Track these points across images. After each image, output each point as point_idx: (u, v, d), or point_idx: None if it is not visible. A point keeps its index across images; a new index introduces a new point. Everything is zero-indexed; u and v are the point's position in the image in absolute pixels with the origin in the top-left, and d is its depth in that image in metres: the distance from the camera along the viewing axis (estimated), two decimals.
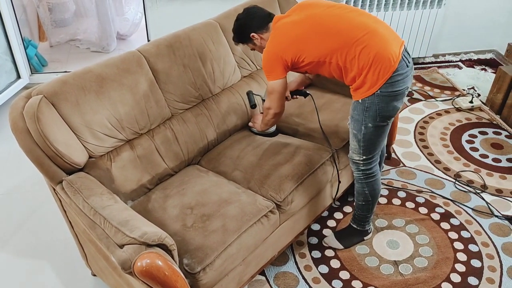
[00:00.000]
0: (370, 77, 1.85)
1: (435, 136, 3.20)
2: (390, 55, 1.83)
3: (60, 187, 1.81)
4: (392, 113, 1.96)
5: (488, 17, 4.12)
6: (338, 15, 1.92)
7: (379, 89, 1.86)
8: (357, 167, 2.12)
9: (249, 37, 2.08)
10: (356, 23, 1.87)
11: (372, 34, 1.85)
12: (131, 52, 2.11)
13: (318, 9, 1.96)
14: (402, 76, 1.87)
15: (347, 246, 2.34)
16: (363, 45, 1.83)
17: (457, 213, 2.55)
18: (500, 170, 2.88)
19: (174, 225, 1.85)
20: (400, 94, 1.91)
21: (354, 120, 1.99)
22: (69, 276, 2.25)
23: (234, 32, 2.16)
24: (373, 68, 1.83)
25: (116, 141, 2.01)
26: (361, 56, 1.83)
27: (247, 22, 2.08)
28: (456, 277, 2.19)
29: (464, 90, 3.76)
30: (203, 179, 2.11)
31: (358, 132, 2.00)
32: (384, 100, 1.89)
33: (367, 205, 2.22)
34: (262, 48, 2.07)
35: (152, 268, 1.44)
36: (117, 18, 4.66)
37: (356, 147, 2.05)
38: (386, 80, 1.84)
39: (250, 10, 2.11)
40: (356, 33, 1.85)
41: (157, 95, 2.14)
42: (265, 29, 2.06)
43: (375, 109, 1.91)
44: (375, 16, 1.98)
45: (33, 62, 3.94)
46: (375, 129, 1.97)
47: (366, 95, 1.89)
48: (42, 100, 1.76)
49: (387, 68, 1.83)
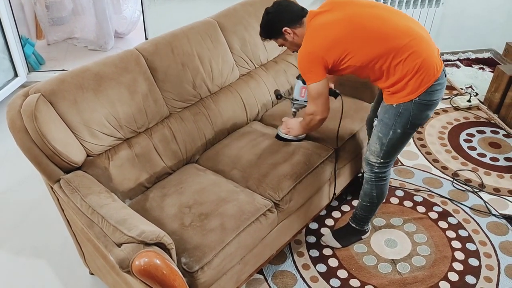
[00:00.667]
0: (412, 84, 1.81)
1: (433, 135, 3.21)
2: (435, 63, 1.81)
3: (57, 185, 1.81)
4: (423, 121, 1.95)
5: (486, 16, 4.13)
6: (382, 18, 1.85)
7: (418, 96, 1.83)
8: (371, 169, 2.10)
9: (281, 31, 1.97)
10: (402, 28, 1.82)
11: (419, 40, 1.81)
12: (129, 51, 2.11)
13: (358, 9, 1.88)
14: (440, 86, 1.86)
15: (345, 245, 2.34)
16: (410, 51, 1.78)
17: (455, 212, 2.56)
18: (498, 169, 2.88)
19: (172, 224, 1.85)
20: (435, 104, 1.89)
21: (383, 124, 1.95)
22: (67, 275, 2.25)
23: (263, 27, 2.03)
24: (418, 74, 1.80)
25: (114, 140, 2.00)
26: (407, 61, 1.79)
27: (280, 15, 1.96)
28: (454, 276, 2.19)
29: (462, 89, 3.76)
30: (201, 178, 2.11)
31: (384, 136, 1.97)
32: (420, 108, 1.86)
33: (371, 206, 2.22)
34: (294, 44, 2.00)
35: (150, 267, 1.44)
36: (115, 16, 4.65)
37: (377, 150, 2.03)
38: (427, 88, 1.82)
39: (282, 3, 1.99)
40: (404, 38, 1.80)
41: (155, 93, 2.13)
42: (299, 24, 1.95)
43: (408, 115, 1.88)
44: (415, 19, 1.94)
45: (30, 60, 3.93)
46: (402, 135, 1.95)
47: (403, 100, 1.86)
48: (40, 98, 1.75)
49: (431, 76, 1.81)
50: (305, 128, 2.17)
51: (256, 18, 2.54)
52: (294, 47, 2.03)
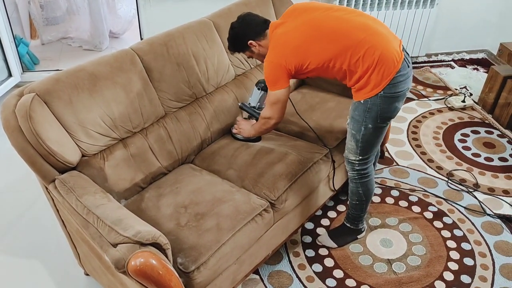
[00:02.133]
0: (374, 78, 1.84)
1: (428, 135, 3.22)
2: (393, 55, 1.83)
3: (52, 186, 1.79)
4: (393, 114, 1.96)
5: (480, 17, 4.15)
6: (337, 18, 1.90)
7: (382, 90, 1.85)
8: (352, 167, 2.12)
9: (246, 44, 2.04)
10: (356, 24, 1.86)
11: (374, 34, 1.84)
12: (124, 50, 2.10)
13: (315, 13, 1.94)
14: (404, 77, 1.87)
15: (341, 244, 2.34)
16: (367, 46, 1.81)
17: (450, 211, 2.57)
18: (492, 169, 2.90)
19: (168, 224, 1.84)
20: (401, 95, 1.91)
21: (354, 121, 1.98)
22: (61, 275, 2.24)
23: (230, 41, 2.11)
24: (378, 68, 1.82)
25: (109, 140, 1.99)
26: (366, 57, 1.82)
27: (244, 29, 2.04)
28: (449, 275, 2.20)
29: (456, 90, 3.78)
30: (197, 178, 2.10)
31: (357, 133, 1.99)
32: (387, 101, 1.88)
33: (361, 204, 2.23)
34: (260, 55, 2.06)
35: (146, 267, 1.43)
36: (110, 16, 4.63)
37: (353, 147, 2.05)
38: (389, 80, 1.83)
39: (246, 17, 2.07)
40: (358, 34, 1.83)
41: (151, 93, 2.12)
42: (262, 36, 2.02)
43: (376, 110, 1.90)
44: (373, 16, 1.98)
45: (24, 60, 3.91)
46: (374, 130, 1.97)
47: (368, 95, 1.88)
48: (35, 98, 1.74)
49: (391, 69, 1.83)
50: (257, 130, 2.21)
51: None
52: (261, 57, 2.07)
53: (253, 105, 2.31)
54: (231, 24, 2.08)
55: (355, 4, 3.73)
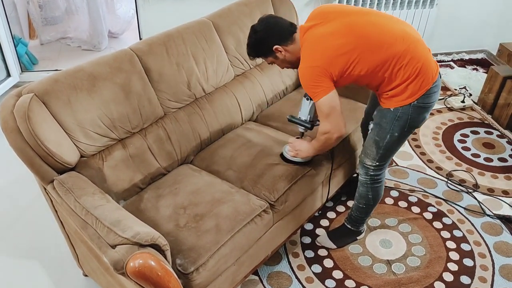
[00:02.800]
0: (412, 87, 1.80)
1: (428, 135, 3.22)
2: (433, 66, 1.82)
3: (51, 186, 1.79)
4: (420, 124, 1.95)
5: (479, 18, 4.15)
6: (379, 25, 1.82)
7: (416, 99, 1.83)
8: (367, 171, 2.09)
9: (271, 50, 1.89)
10: (399, 33, 1.80)
11: (416, 43, 1.81)
12: (123, 51, 2.09)
13: (353, 17, 1.84)
14: (437, 88, 1.86)
15: (340, 245, 2.34)
16: (410, 56, 1.77)
17: (450, 212, 2.56)
18: (492, 170, 2.90)
19: (167, 225, 1.84)
20: (431, 106, 1.89)
21: (380, 128, 1.93)
22: (60, 276, 2.23)
23: (252, 46, 1.93)
24: (418, 78, 1.79)
25: (108, 140, 1.99)
26: (408, 66, 1.78)
27: (269, 33, 1.88)
28: (449, 276, 2.20)
29: (456, 90, 3.78)
30: (196, 178, 2.10)
31: (381, 140, 1.95)
32: (418, 111, 1.86)
33: (367, 208, 2.21)
34: (285, 62, 1.94)
35: (145, 269, 1.43)
36: (109, 16, 4.63)
37: (373, 153, 2.01)
38: (426, 91, 1.81)
39: (270, 20, 1.91)
40: (402, 43, 1.78)
41: (150, 94, 2.12)
42: (290, 41, 1.87)
43: (406, 119, 1.87)
44: (406, 21, 1.93)
45: (23, 60, 3.90)
46: (399, 138, 1.94)
47: (401, 104, 1.84)
48: (33, 98, 1.73)
49: (429, 79, 1.81)
50: (318, 149, 2.01)
51: (251, 18, 2.53)
52: (285, 64, 1.96)
53: (304, 118, 2.10)
54: (253, 28, 1.91)
55: (355, 5, 3.72)
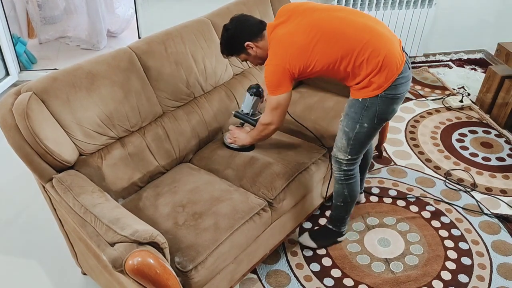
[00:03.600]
0: (377, 80, 1.83)
1: (426, 135, 3.22)
2: (397, 58, 1.83)
3: (50, 184, 1.79)
4: (390, 115, 1.96)
5: (478, 17, 4.16)
6: (341, 19, 1.86)
7: (383, 91, 1.84)
8: (340, 166, 2.09)
9: (243, 46, 1.96)
10: (360, 26, 1.83)
11: (378, 36, 1.82)
12: (122, 49, 2.09)
13: (317, 14, 1.88)
14: (404, 79, 1.87)
15: (321, 246, 2.33)
16: (371, 49, 1.79)
17: (448, 211, 2.57)
18: (490, 169, 2.90)
19: (165, 223, 1.84)
20: (401, 97, 1.91)
21: (349, 118, 1.96)
22: (58, 275, 2.23)
23: (224, 44, 2.00)
24: (381, 71, 1.81)
25: (107, 139, 1.99)
26: (370, 59, 1.80)
27: (240, 30, 1.95)
28: (447, 275, 2.20)
29: (454, 90, 3.78)
30: (194, 177, 2.10)
31: (350, 131, 1.97)
32: (386, 102, 1.88)
33: (345, 206, 2.21)
34: (257, 58, 2.00)
35: (143, 266, 1.43)
36: (108, 15, 4.63)
37: (344, 146, 2.02)
38: (392, 82, 1.83)
39: (240, 18, 1.98)
40: (363, 36, 1.80)
41: (149, 92, 2.12)
42: (260, 37, 1.95)
43: (374, 110, 1.89)
44: (373, 16, 1.96)
45: (22, 59, 3.90)
46: (368, 129, 1.95)
47: (369, 95, 1.86)
48: (32, 97, 1.74)
49: (394, 71, 1.82)
50: (255, 138, 2.13)
51: None
52: (257, 60, 2.02)
53: (247, 112, 2.26)
54: (225, 26, 1.99)
55: (353, 4, 3.73)
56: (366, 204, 2.60)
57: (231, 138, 2.24)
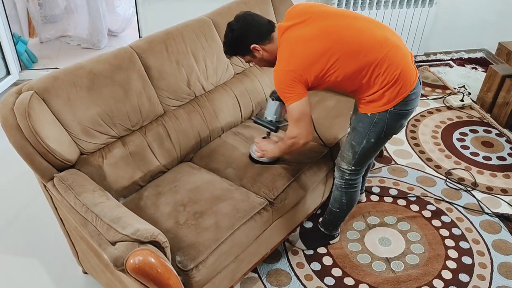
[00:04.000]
0: (389, 94, 1.78)
1: (427, 134, 3.22)
2: (411, 73, 1.79)
3: (51, 184, 1.79)
4: (397, 131, 1.93)
5: (479, 17, 4.15)
6: (359, 29, 1.78)
7: (393, 106, 1.80)
8: (342, 175, 2.07)
9: (248, 49, 1.82)
10: (379, 38, 1.76)
11: (395, 49, 1.76)
12: (123, 48, 2.09)
13: (335, 21, 1.79)
14: (416, 95, 1.84)
15: (310, 248, 2.32)
16: (388, 62, 1.74)
17: (448, 210, 2.57)
18: (491, 168, 2.90)
19: (166, 223, 1.84)
20: (409, 113, 1.87)
21: (357, 132, 1.92)
22: (60, 274, 2.24)
23: (228, 45, 1.86)
24: (395, 85, 1.76)
25: (108, 138, 1.99)
26: (386, 73, 1.74)
27: (247, 31, 1.81)
28: (447, 274, 2.20)
29: (455, 89, 3.78)
30: (195, 176, 2.10)
31: (357, 145, 1.93)
32: (395, 117, 1.84)
33: (341, 213, 2.20)
34: (263, 61, 1.88)
35: (144, 265, 1.43)
36: (108, 14, 4.62)
37: (349, 158, 1.99)
38: (403, 98, 1.79)
39: (247, 17, 1.83)
40: (381, 49, 1.74)
41: (150, 91, 2.12)
42: (268, 40, 1.81)
43: (383, 125, 1.85)
44: (387, 26, 1.89)
45: (23, 58, 3.90)
46: (375, 144, 1.92)
47: (378, 110, 1.82)
48: (33, 96, 1.74)
49: (407, 87, 1.78)
50: (284, 151, 2.01)
51: None
52: (263, 63, 1.91)
53: (270, 119, 2.09)
54: (229, 25, 1.84)
55: (354, 3, 3.73)
56: (367, 203, 2.61)
57: (259, 152, 2.11)
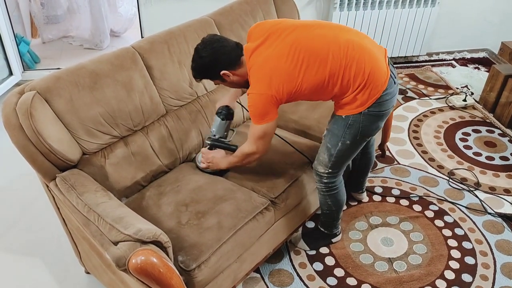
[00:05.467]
0: (361, 96, 1.77)
1: (429, 134, 3.21)
2: (381, 74, 1.77)
3: (53, 183, 1.80)
4: (373, 132, 1.92)
5: (481, 16, 4.15)
6: (322, 36, 1.76)
7: (367, 108, 1.80)
8: (320, 179, 2.06)
9: (218, 75, 1.81)
10: (343, 42, 1.74)
11: (362, 51, 1.74)
12: (125, 48, 2.10)
13: (297, 33, 1.77)
14: (390, 96, 1.82)
15: (313, 248, 2.32)
16: (356, 66, 1.72)
17: (451, 210, 2.56)
18: (493, 168, 2.89)
19: (168, 222, 1.84)
20: (385, 114, 1.86)
21: (332, 134, 1.91)
22: (62, 274, 2.24)
23: (197, 70, 1.82)
24: (365, 88, 1.75)
25: (110, 138, 1.99)
26: (355, 76, 1.74)
27: (215, 60, 1.78)
28: (450, 274, 2.20)
29: (457, 89, 3.77)
30: (197, 176, 2.10)
31: (332, 147, 1.93)
32: (370, 119, 1.83)
33: (331, 213, 2.20)
34: (233, 83, 1.88)
35: (147, 265, 1.43)
36: (111, 15, 4.63)
37: (325, 160, 1.98)
38: (376, 99, 1.78)
39: (215, 44, 1.79)
40: (346, 53, 1.72)
41: (152, 91, 2.12)
42: (237, 65, 1.80)
43: (358, 127, 1.84)
44: (355, 29, 1.88)
45: (25, 58, 3.91)
46: (351, 146, 1.91)
47: (352, 112, 1.81)
48: (35, 96, 1.74)
49: (378, 88, 1.76)
50: (233, 164, 2.00)
51: (252, 16, 2.54)
52: (233, 86, 1.92)
53: (220, 136, 2.10)
54: (197, 51, 1.79)
55: (356, 4, 3.73)
56: (369, 203, 2.60)
57: (204, 162, 2.10)
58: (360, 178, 2.52)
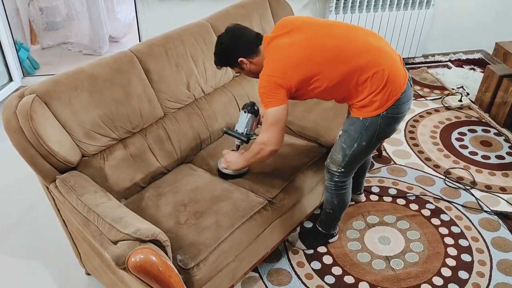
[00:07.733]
0: (379, 99, 1.79)
1: (425, 134, 3.24)
2: (400, 76, 1.80)
3: (53, 185, 1.82)
4: (389, 134, 1.94)
5: (476, 18, 4.18)
6: (342, 37, 1.81)
7: (385, 110, 1.82)
8: (332, 177, 2.08)
9: (236, 62, 1.88)
10: (362, 44, 1.79)
11: (381, 54, 1.78)
12: (123, 52, 2.13)
13: (316, 30, 1.83)
14: (407, 98, 1.84)
15: (310, 247, 2.34)
16: (375, 68, 1.75)
17: (447, 209, 2.59)
18: (489, 167, 2.92)
19: (167, 222, 1.86)
20: (402, 117, 1.88)
21: (348, 135, 1.93)
22: (63, 275, 2.26)
23: (217, 56, 1.91)
24: (384, 90, 1.77)
25: (109, 140, 2.02)
26: (374, 79, 1.76)
27: (234, 45, 1.86)
28: (447, 271, 2.22)
29: (453, 89, 3.80)
30: (196, 177, 2.13)
31: (348, 147, 1.94)
32: (387, 121, 1.85)
33: (334, 213, 2.22)
34: (251, 72, 1.93)
35: (146, 264, 1.45)
36: (109, 21, 4.67)
37: (339, 160, 2.00)
38: (394, 101, 1.80)
39: (236, 31, 1.89)
40: (365, 55, 1.76)
41: (150, 94, 2.15)
42: (255, 53, 1.86)
43: (375, 129, 1.86)
44: (373, 31, 1.91)
45: (25, 65, 3.93)
46: (366, 148, 1.93)
47: (370, 115, 1.83)
48: (35, 99, 1.77)
49: (397, 90, 1.79)
50: (249, 160, 1.98)
51: (248, 20, 2.57)
52: (251, 74, 1.96)
53: (241, 131, 2.08)
54: (219, 38, 1.89)
55: (352, 7, 3.76)
56: (366, 203, 2.62)
57: (224, 163, 2.10)
58: (358, 180, 2.54)
